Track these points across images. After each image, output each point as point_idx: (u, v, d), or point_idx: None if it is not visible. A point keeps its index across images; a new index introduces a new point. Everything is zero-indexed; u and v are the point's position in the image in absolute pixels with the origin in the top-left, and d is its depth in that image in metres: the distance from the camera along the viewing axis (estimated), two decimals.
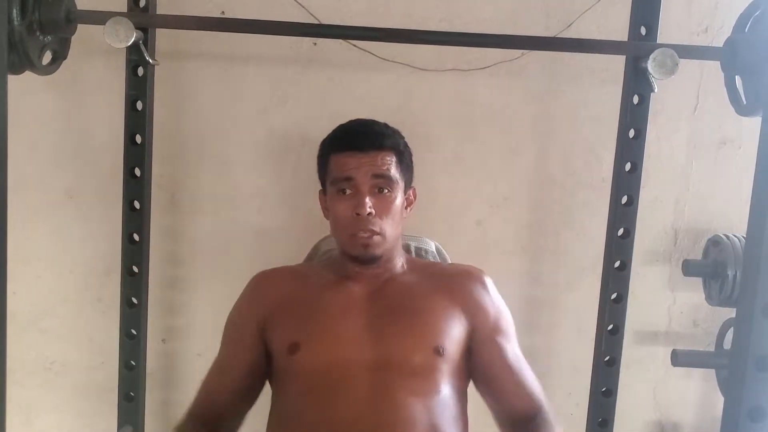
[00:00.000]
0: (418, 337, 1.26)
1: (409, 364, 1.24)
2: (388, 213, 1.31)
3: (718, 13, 1.80)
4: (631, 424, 1.94)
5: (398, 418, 1.18)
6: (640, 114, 1.60)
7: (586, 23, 1.76)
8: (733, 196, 1.85)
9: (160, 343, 1.90)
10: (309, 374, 1.24)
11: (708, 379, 1.91)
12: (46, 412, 1.92)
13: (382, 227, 1.30)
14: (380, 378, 1.22)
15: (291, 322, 1.30)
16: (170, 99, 1.69)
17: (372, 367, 1.23)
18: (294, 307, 1.32)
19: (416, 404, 1.20)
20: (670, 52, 1.37)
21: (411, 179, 1.40)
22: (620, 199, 1.63)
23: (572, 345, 1.90)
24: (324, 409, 1.20)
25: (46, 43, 1.36)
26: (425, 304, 1.32)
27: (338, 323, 1.28)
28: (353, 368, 1.22)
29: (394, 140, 1.35)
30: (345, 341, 1.25)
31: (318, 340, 1.26)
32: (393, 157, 1.33)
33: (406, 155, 1.38)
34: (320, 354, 1.25)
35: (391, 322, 1.28)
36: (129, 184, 1.64)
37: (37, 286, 1.87)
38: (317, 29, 1.64)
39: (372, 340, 1.25)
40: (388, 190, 1.31)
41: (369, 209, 1.28)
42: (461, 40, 1.56)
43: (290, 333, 1.28)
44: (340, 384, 1.21)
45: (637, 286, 1.76)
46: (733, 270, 1.64)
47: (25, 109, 1.77)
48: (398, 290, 1.35)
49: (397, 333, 1.27)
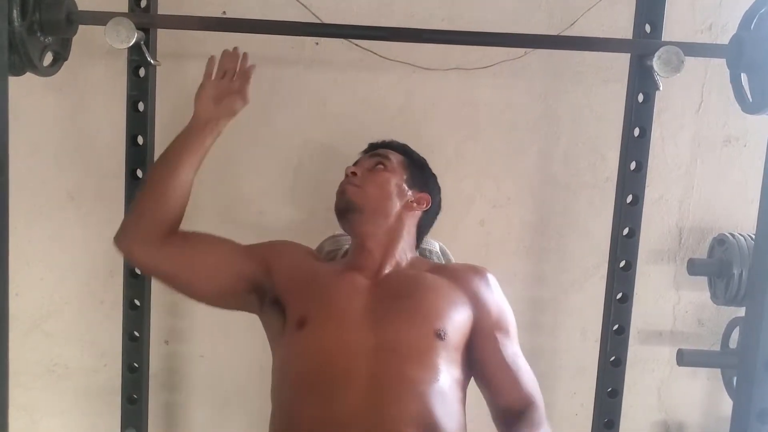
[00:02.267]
0: (419, 320, 1.28)
1: (409, 346, 1.25)
2: (375, 179, 1.41)
3: (722, 10, 1.79)
4: (637, 424, 1.93)
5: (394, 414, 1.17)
6: (644, 112, 1.59)
7: (590, 21, 1.75)
8: (738, 194, 1.84)
9: (163, 344, 1.89)
10: (312, 354, 1.26)
11: (713, 379, 1.90)
12: (49, 415, 1.92)
13: (362, 183, 1.40)
14: (380, 364, 1.22)
15: (304, 295, 1.33)
16: (172, 100, 1.69)
17: (373, 350, 1.24)
18: (308, 282, 1.36)
19: (413, 395, 1.19)
20: (675, 49, 1.36)
21: (424, 185, 1.48)
22: (625, 199, 1.62)
23: (577, 345, 1.89)
24: (323, 403, 1.20)
25: (46, 44, 1.35)
26: (428, 290, 1.34)
27: (343, 306, 1.31)
28: (355, 352, 1.23)
29: (403, 146, 1.51)
30: (348, 323, 1.28)
31: (324, 319, 1.29)
32: (398, 154, 1.46)
33: (416, 160, 1.50)
34: (325, 333, 1.27)
35: (393, 306, 1.31)
36: (131, 185, 1.64)
37: (40, 288, 1.87)
38: (319, 29, 1.64)
39: (374, 323, 1.28)
40: (383, 166, 1.43)
41: (353, 170, 1.42)
42: (464, 39, 1.55)
43: (301, 307, 1.31)
44: (340, 372, 1.22)
45: (642, 285, 1.75)
46: (739, 269, 1.63)
47: (26, 111, 1.76)
48: (402, 279, 1.38)
49: (398, 315, 1.29)
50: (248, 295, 1.38)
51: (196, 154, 1.36)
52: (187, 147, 1.35)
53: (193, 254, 1.37)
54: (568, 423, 1.93)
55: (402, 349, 1.24)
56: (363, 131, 1.81)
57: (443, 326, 1.27)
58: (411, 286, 1.35)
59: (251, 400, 1.89)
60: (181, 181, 1.34)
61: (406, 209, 1.43)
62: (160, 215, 1.33)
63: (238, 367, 1.90)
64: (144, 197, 1.36)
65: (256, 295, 1.39)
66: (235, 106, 1.38)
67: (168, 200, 1.34)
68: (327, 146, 1.83)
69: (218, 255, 1.39)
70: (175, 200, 1.34)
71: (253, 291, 1.38)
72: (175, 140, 1.37)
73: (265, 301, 1.38)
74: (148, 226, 1.34)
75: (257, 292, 1.38)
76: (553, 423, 1.92)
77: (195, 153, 1.36)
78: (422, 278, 1.38)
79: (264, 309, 1.39)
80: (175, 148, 1.36)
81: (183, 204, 1.36)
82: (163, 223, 1.34)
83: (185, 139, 1.36)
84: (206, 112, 1.37)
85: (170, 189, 1.33)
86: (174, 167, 1.34)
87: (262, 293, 1.38)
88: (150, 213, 1.34)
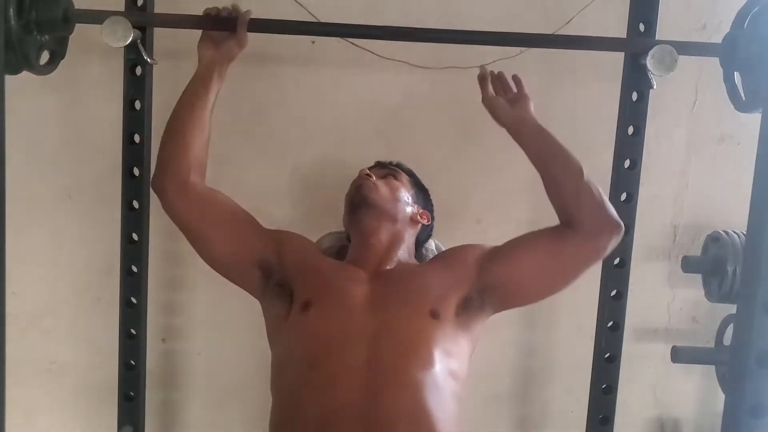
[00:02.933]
0: (414, 302, 1.33)
1: (406, 326, 1.29)
2: (389, 184, 1.50)
3: (716, 9, 1.80)
4: (632, 420, 1.94)
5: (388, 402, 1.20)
6: (639, 111, 1.60)
7: (585, 20, 1.76)
8: (732, 192, 1.85)
9: (160, 342, 1.90)
10: (315, 336, 1.30)
11: (708, 376, 1.92)
12: (47, 412, 1.92)
13: (377, 183, 1.48)
14: (378, 349, 1.25)
15: (310, 281, 1.38)
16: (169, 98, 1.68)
17: (372, 335, 1.27)
18: (314, 270, 1.41)
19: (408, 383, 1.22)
20: (669, 48, 1.37)
21: (426, 204, 1.58)
22: (619, 197, 1.63)
23: (572, 342, 1.90)
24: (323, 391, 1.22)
25: (43, 42, 1.36)
26: (422, 276, 1.41)
27: (346, 293, 1.35)
28: (356, 336, 1.27)
29: (409, 169, 1.61)
30: (350, 308, 1.32)
31: (328, 303, 1.33)
32: (403, 174, 1.57)
33: (420, 182, 1.60)
34: (328, 316, 1.31)
35: (391, 292, 1.36)
36: (128, 183, 1.64)
37: (37, 286, 1.87)
38: (315, 27, 1.64)
39: (373, 308, 1.32)
40: (394, 177, 1.53)
41: (368, 171, 1.50)
42: (460, 38, 1.56)
43: (307, 291, 1.35)
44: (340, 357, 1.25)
45: (636, 282, 1.75)
46: (733, 266, 1.64)
47: (23, 110, 1.76)
48: (400, 271, 1.43)
49: (395, 299, 1.34)
50: (254, 270, 1.42)
51: (205, 96, 1.42)
52: (196, 91, 1.42)
53: (218, 208, 1.44)
54: (564, 419, 1.94)
55: (400, 332, 1.28)
56: (359, 130, 1.82)
57: (437, 306, 1.32)
58: (406, 275, 1.41)
59: (248, 398, 1.89)
60: (195, 118, 1.41)
61: (411, 219, 1.50)
62: (182, 150, 1.40)
63: (235, 364, 1.90)
64: (166, 136, 1.44)
65: (261, 273, 1.42)
66: (233, 50, 1.43)
67: (187, 137, 1.40)
68: (323, 145, 1.83)
69: (241, 219, 1.45)
70: (194, 137, 1.41)
71: (260, 268, 1.42)
72: (188, 84, 1.44)
73: (270, 283, 1.41)
74: (172, 161, 1.41)
75: (263, 270, 1.42)
76: (548, 419, 1.95)
77: (204, 96, 1.42)
78: (417, 268, 1.47)
79: (267, 291, 1.42)
80: (187, 92, 1.43)
81: (203, 142, 1.43)
82: (187, 159, 1.40)
83: (194, 83, 1.43)
84: (206, 57, 1.43)
85: (188, 126, 1.40)
86: (189, 107, 1.41)
87: (268, 273, 1.42)
88: (173, 148, 1.41)
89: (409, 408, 1.20)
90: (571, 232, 1.34)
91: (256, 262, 1.42)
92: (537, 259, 1.38)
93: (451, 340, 1.32)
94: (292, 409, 1.25)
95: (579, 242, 1.34)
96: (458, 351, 1.33)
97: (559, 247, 1.36)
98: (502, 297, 1.39)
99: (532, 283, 1.39)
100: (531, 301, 1.46)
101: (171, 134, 1.43)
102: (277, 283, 1.40)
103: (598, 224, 1.33)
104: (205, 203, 1.42)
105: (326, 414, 1.20)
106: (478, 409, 1.91)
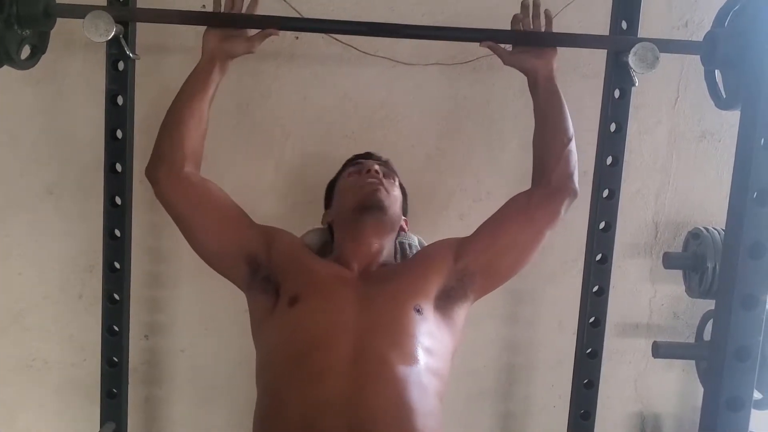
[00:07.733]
0: (398, 298, 1.35)
1: (391, 322, 1.31)
2: (395, 193, 1.51)
3: (698, 7, 1.82)
4: (613, 415, 1.96)
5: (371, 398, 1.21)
6: (621, 108, 1.61)
7: (568, 18, 1.77)
8: (713, 189, 1.87)
9: (143, 339, 1.89)
10: (301, 330, 1.31)
11: (688, 371, 1.94)
12: (29, 410, 1.91)
13: (387, 188, 1.48)
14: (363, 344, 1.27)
15: (298, 276, 1.39)
16: (151, 94, 1.68)
17: (357, 330, 1.29)
18: (302, 266, 1.42)
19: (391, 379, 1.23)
20: (650, 46, 1.38)
21: (406, 208, 1.59)
22: (602, 193, 1.64)
23: (554, 337, 1.91)
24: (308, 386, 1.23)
25: (24, 37, 1.34)
26: (405, 274, 1.43)
27: (333, 290, 1.37)
28: (341, 331, 1.29)
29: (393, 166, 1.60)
30: (337, 303, 1.34)
31: (315, 298, 1.35)
32: (396, 177, 1.56)
33: (402, 186, 1.58)
34: (315, 311, 1.33)
35: (377, 290, 1.37)
36: (110, 179, 1.63)
37: (18, 282, 1.85)
38: (299, 23, 1.64)
39: (359, 304, 1.33)
40: (392, 179, 1.53)
41: (377, 168, 1.49)
42: (444, 35, 1.56)
43: (295, 286, 1.37)
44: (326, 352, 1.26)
45: (618, 278, 1.77)
46: (713, 262, 1.66)
47: (3, 104, 1.75)
48: (386, 270, 1.46)
49: (380, 296, 1.36)
50: (242, 261, 1.43)
51: (205, 88, 1.42)
52: (197, 82, 1.43)
53: (210, 198, 1.45)
54: (546, 414, 1.95)
55: (386, 327, 1.30)
56: (343, 125, 1.82)
57: (419, 302, 1.35)
58: (390, 274, 1.44)
59: (232, 395, 1.89)
60: (194, 108, 1.42)
61: (400, 226, 1.55)
62: (178, 140, 1.41)
63: (218, 361, 1.90)
64: (164, 126, 1.44)
65: (248, 267, 1.43)
66: (235, 49, 1.44)
67: (184, 127, 1.41)
68: (307, 140, 1.83)
69: (232, 211, 1.47)
70: (192, 127, 1.41)
71: (248, 260, 1.43)
72: (189, 75, 1.44)
73: (257, 277, 1.42)
74: (168, 150, 1.42)
75: (251, 264, 1.43)
76: (531, 415, 1.97)
77: (204, 87, 1.42)
78: (399, 267, 1.50)
79: (253, 285, 1.43)
80: (188, 81, 1.44)
81: (200, 134, 1.44)
82: (183, 149, 1.41)
83: (195, 74, 1.43)
84: (208, 48, 1.43)
85: (186, 116, 1.41)
86: (188, 97, 1.42)
87: (255, 266, 1.43)
88: (169, 138, 1.42)
89: (392, 404, 1.21)
90: (537, 189, 1.45)
91: (245, 254, 1.43)
92: (510, 232, 1.44)
93: (435, 336, 1.34)
94: (277, 404, 1.26)
95: (541, 199, 1.44)
96: (442, 349, 1.35)
97: (525, 212, 1.44)
98: (481, 278, 1.43)
99: (506, 256, 1.44)
100: (507, 277, 1.48)
101: (169, 123, 1.44)
102: (264, 277, 1.41)
103: (562, 185, 1.43)
104: (199, 193, 1.43)
105: (311, 409, 1.21)
106: (461, 405, 1.92)
